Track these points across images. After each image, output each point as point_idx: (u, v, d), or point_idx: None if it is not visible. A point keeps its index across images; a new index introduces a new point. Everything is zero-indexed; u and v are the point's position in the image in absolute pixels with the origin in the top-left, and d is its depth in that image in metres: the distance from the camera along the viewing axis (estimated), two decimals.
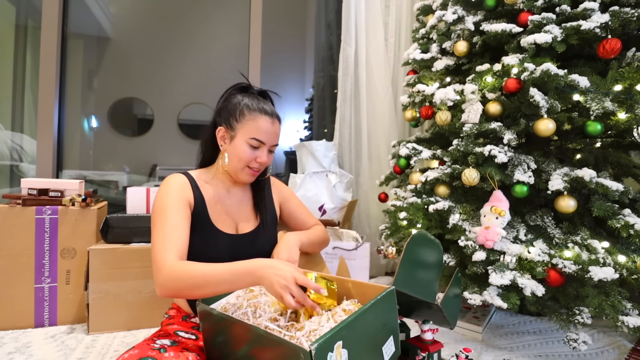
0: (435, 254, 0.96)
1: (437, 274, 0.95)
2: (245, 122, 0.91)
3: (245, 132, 0.91)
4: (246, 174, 0.94)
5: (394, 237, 1.62)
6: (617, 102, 1.19)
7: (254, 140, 0.91)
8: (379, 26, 2.33)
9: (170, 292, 0.76)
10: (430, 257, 0.95)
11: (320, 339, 0.54)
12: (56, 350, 1.33)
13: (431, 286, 0.91)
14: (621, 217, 1.16)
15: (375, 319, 0.68)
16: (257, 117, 0.91)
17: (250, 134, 0.91)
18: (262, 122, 0.91)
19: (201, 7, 2.57)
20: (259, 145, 0.92)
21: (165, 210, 0.84)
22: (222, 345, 0.70)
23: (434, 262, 0.95)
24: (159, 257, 0.78)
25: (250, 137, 0.91)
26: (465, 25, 1.55)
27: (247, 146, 0.91)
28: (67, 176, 2.23)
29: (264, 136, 0.92)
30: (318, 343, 0.53)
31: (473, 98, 1.42)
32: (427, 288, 0.90)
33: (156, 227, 0.83)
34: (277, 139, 0.96)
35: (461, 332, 1.52)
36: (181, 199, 0.88)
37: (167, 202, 0.86)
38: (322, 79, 2.87)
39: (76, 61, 2.30)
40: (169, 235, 0.80)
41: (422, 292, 0.87)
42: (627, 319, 1.10)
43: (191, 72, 2.53)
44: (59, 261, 1.53)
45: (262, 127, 0.91)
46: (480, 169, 1.32)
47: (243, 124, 0.91)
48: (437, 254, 0.96)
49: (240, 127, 0.91)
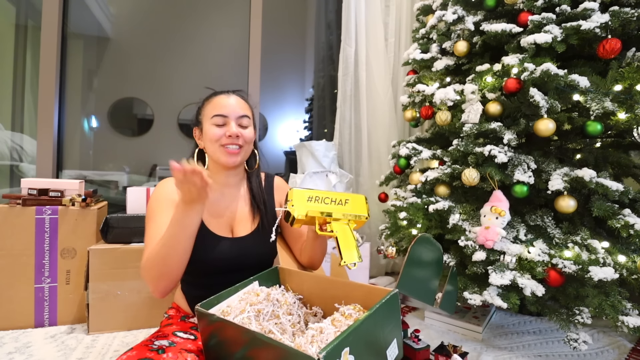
0: (437, 257, 0.97)
1: (438, 276, 0.96)
2: (205, 108, 0.96)
3: (207, 115, 0.95)
4: (223, 153, 0.93)
5: (394, 237, 1.62)
6: (617, 102, 1.18)
7: (216, 118, 0.93)
8: (379, 26, 2.33)
9: (155, 284, 0.80)
10: (432, 260, 0.95)
11: (328, 346, 0.53)
12: (56, 350, 1.33)
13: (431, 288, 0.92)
14: (621, 217, 1.16)
15: (380, 323, 0.68)
16: (213, 99, 0.96)
17: (210, 114, 0.94)
18: (217, 100, 0.95)
19: (201, 7, 2.57)
20: (223, 121, 0.93)
21: (153, 215, 0.88)
22: (221, 348, 0.70)
23: (435, 264, 0.96)
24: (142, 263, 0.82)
25: (211, 116, 0.93)
26: (465, 25, 1.55)
27: (213, 126, 0.93)
28: (67, 176, 2.23)
29: (223, 109, 0.93)
30: (326, 351, 0.52)
31: (473, 98, 1.42)
32: (428, 290, 0.91)
33: (146, 233, 0.87)
34: (241, 110, 0.95)
35: (461, 332, 1.52)
36: (170, 202, 0.89)
37: (155, 207, 0.89)
38: (322, 79, 2.87)
39: (76, 61, 2.30)
40: (152, 240, 0.84)
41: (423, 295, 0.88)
42: (627, 319, 1.10)
43: (191, 72, 2.53)
44: (59, 261, 1.53)
45: (219, 102, 0.95)
46: (480, 169, 1.32)
47: (204, 112, 0.96)
48: (438, 257, 0.97)
49: (203, 115, 0.96)
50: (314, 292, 0.86)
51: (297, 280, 0.89)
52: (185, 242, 0.78)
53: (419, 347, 0.98)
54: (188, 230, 0.78)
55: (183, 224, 0.77)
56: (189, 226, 0.77)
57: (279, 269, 0.93)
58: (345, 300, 0.79)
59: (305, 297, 0.87)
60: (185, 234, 0.77)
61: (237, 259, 0.93)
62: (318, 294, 0.85)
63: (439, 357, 1.00)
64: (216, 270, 0.93)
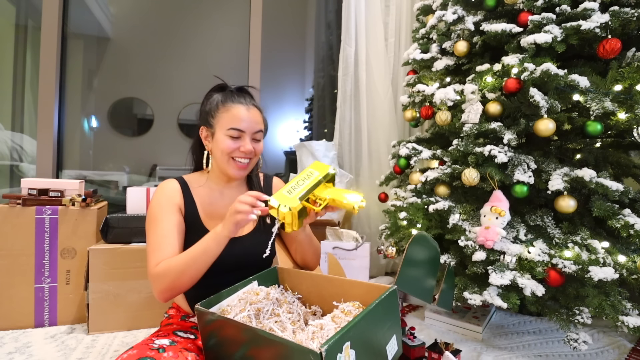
0: (434, 255, 0.97)
1: (435, 274, 0.96)
2: (220, 115, 0.92)
3: (222, 125, 0.92)
4: (232, 167, 0.93)
5: (394, 237, 1.62)
6: (617, 102, 1.18)
7: (232, 131, 0.91)
8: (379, 26, 2.33)
9: (163, 293, 0.82)
10: (429, 258, 0.96)
11: (329, 340, 0.54)
12: (56, 350, 1.33)
13: (429, 286, 0.93)
14: (621, 217, 1.16)
15: (380, 319, 0.68)
16: (231, 107, 0.92)
17: (227, 125, 0.91)
18: (236, 111, 0.92)
19: (201, 7, 2.57)
20: (239, 134, 0.91)
21: (155, 220, 0.88)
22: (221, 347, 0.70)
23: (432, 262, 0.96)
24: (148, 267, 0.84)
25: (227, 127, 0.91)
26: (465, 25, 1.55)
27: (227, 138, 0.91)
28: (67, 176, 2.23)
29: (241, 124, 0.91)
30: (328, 344, 0.53)
31: (473, 98, 1.42)
32: (425, 288, 0.92)
33: (148, 237, 0.88)
34: (257, 125, 0.94)
35: (461, 332, 1.52)
36: (171, 205, 0.90)
37: (157, 211, 0.89)
38: (322, 79, 2.87)
39: (76, 61, 2.30)
40: (157, 244, 0.85)
41: (421, 293, 0.89)
42: (627, 319, 1.10)
43: (191, 71, 2.53)
44: (59, 261, 1.53)
45: (237, 115, 0.91)
46: (480, 169, 1.32)
47: (219, 118, 0.92)
48: (436, 255, 0.97)
49: (217, 121, 0.93)
50: (312, 291, 0.86)
51: (295, 279, 0.89)
52: (207, 266, 0.81)
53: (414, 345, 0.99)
54: (215, 256, 0.81)
55: (213, 252, 0.80)
56: (217, 254, 0.80)
57: (278, 268, 0.93)
58: (344, 298, 0.79)
59: (304, 296, 0.87)
60: (211, 259, 0.80)
61: (237, 259, 0.93)
62: (317, 293, 0.85)
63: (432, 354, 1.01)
64: (216, 270, 0.93)
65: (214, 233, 0.80)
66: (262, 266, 0.94)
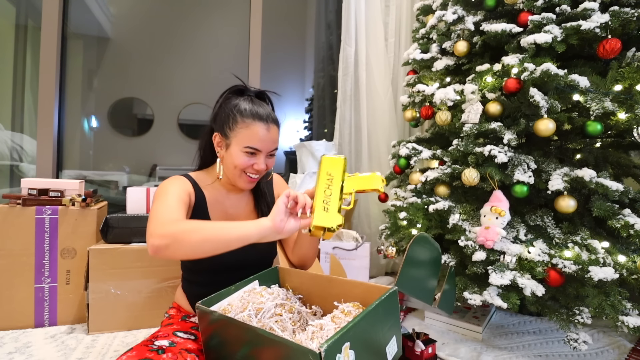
0: (435, 256, 0.97)
1: (436, 276, 0.96)
2: (239, 130, 0.88)
3: (239, 141, 0.88)
4: (244, 180, 0.92)
5: (394, 237, 1.62)
6: (617, 102, 1.18)
7: (249, 149, 0.88)
8: (379, 26, 2.33)
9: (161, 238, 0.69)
10: (430, 259, 0.96)
11: (329, 340, 0.54)
12: (56, 351, 1.33)
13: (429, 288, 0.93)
14: (621, 217, 1.16)
15: (380, 319, 0.68)
16: (251, 125, 0.87)
17: (244, 143, 0.87)
18: (255, 129, 0.87)
19: (201, 7, 2.57)
20: (255, 152, 0.89)
21: (166, 194, 0.83)
22: (222, 346, 0.70)
23: (433, 264, 0.96)
24: (151, 226, 0.73)
25: (244, 145, 0.87)
26: (465, 25, 1.55)
27: (243, 154, 0.88)
28: (67, 176, 2.23)
29: (259, 144, 0.88)
30: (327, 344, 0.53)
31: (473, 98, 1.42)
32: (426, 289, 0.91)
33: (152, 207, 0.80)
34: (274, 144, 0.92)
35: (461, 332, 1.52)
36: (183, 189, 0.88)
37: (169, 189, 0.85)
38: (322, 79, 2.87)
39: (76, 61, 2.30)
40: (162, 211, 0.78)
41: (422, 295, 0.89)
42: (627, 319, 1.10)
43: (191, 72, 2.53)
44: (59, 261, 1.53)
45: (256, 135, 0.87)
46: (480, 169, 1.32)
47: (237, 132, 0.88)
48: (437, 257, 0.97)
49: (234, 135, 0.88)
50: (313, 292, 0.86)
51: (296, 279, 0.89)
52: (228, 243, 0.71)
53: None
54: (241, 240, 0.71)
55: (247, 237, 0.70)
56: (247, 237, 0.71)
57: (279, 268, 0.93)
58: (344, 298, 0.79)
59: (305, 296, 0.87)
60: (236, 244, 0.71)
61: (238, 258, 0.93)
62: (317, 293, 0.85)
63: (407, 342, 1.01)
64: (217, 269, 0.93)
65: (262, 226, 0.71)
66: (263, 266, 0.94)
